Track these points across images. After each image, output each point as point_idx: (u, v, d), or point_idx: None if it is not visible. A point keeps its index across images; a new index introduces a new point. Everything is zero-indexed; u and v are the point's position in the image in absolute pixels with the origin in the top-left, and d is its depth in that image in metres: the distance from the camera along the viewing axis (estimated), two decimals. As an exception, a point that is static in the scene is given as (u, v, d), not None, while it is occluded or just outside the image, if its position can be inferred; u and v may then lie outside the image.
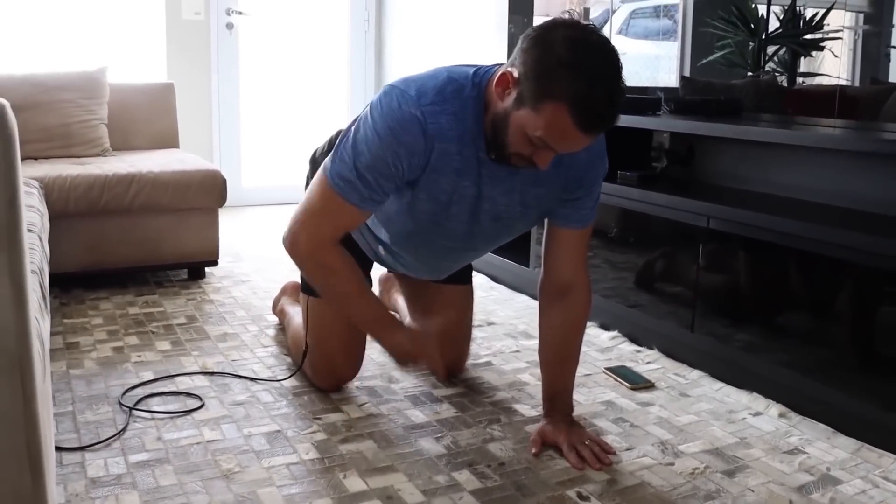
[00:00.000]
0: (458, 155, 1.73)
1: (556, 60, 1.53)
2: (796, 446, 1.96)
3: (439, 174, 1.76)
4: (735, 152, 2.73)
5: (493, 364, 2.46)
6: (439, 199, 1.81)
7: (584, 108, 1.52)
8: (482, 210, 1.85)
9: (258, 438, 1.93)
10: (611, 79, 1.54)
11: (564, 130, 1.55)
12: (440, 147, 1.71)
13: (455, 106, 1.70)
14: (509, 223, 1.92)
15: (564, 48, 1.53)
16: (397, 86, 1.73)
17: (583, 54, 1.53)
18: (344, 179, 1.74)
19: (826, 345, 2.07)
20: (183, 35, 4.80)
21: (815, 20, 2.64)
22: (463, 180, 1.78)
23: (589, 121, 1.54)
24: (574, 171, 1.83)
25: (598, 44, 1.55)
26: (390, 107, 1.69)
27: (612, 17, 3.55)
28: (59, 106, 3.52)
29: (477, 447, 1.92)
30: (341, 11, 5.28)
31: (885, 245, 1.90)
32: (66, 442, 1.88)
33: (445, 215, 1.85)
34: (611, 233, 2.78)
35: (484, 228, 1.91)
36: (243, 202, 5.05)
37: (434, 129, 1.69)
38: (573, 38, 1.54)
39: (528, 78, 1.56)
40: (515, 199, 1.85)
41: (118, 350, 2.49)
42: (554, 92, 1.52)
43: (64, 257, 2.97)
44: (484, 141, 1.73)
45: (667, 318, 2.54)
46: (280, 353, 2.51)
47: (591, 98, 1.52)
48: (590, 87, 1.51)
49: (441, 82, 1.71)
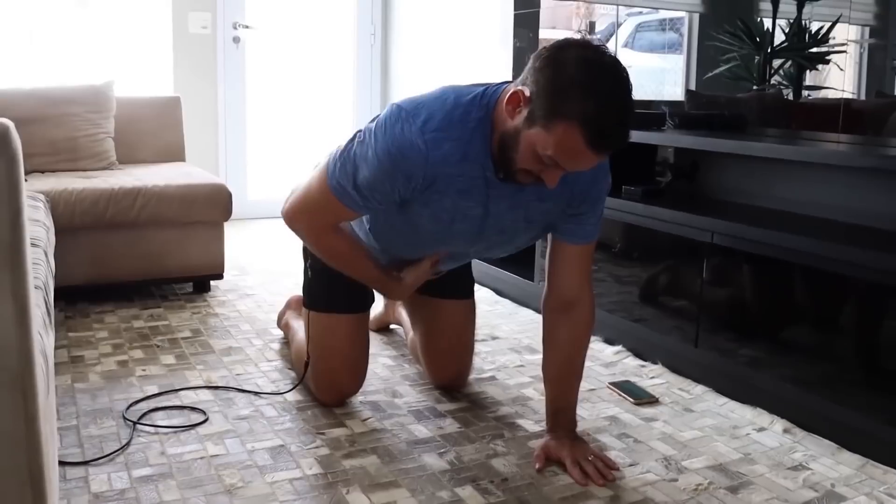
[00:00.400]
0: (461, 177, 1.74)
1: (568, 80, 1.54)
2: (801, 462, 1.95)
3: (441, 195, 1.77)
4: (739, 167, 2.73)
5: (496, 379, 2.46)
6: (441, 218, 1.82)
7: (595, 129, 1.53)
8: (487, 226, 1.86)
9: (262, 453, 1.93)
10: (622, 100, 1.56)
11: (575, 150, 1.56)
12: (442, 172, 1.73)
13: (460, 131, 1.71)
14: (513, 236, 1.93)
15: (577, 68, 1.54)
16: (404, 108, 1.73)
17: (595, 75, 1.54)
18: (342, 188, 1.79)
19: (831, 360, 2.06)
20: (190, 49, 4.82)
21: (821, 34, 2.64)
22: (467, 201, 1.78)
23: (600, 141, 1.55)
24: (579, 187, 1.84)
25: (610, 64, 1.56)
26: (394, 131, 1.71)
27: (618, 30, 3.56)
28: (65, 119, 3.53)
29: (480, 462, 1.91)
30: (347, 25, 5.30)
31: (890, 260, 1.90)
32: (70, 456, 1.88)
33: (449, 232, 1.86)
34: (615, 247, 2.78)
35: (488, 241, 1.92)
36: (249, 215, 5.06)
37: (436, 157, 1.70)
38: (586, 59, 1.55)
39: (540, 96, 1.57)
40: (521, 215, 1.85)
41: (123, 364, 2.50)
42: (566, 111, 1.53)
43: (69, 270, 2.98)
44: (491, 161, 1.73)
45: (671, 333, 2.53)
46: (284, 367, 2.51)
47: (603, 118, 1.53)
48: (602, 107, 1.53)
49: (448, 107, 1.72)
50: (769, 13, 2.81)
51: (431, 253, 2.02)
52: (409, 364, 2.55)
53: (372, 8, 5.30)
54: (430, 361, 2.34)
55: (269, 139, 5.19)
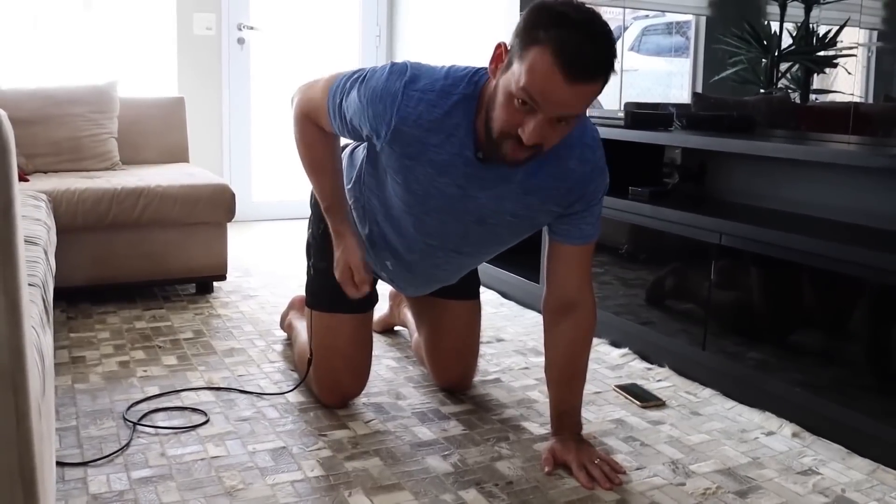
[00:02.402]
0: (437, 148, 1.73)
1: (546, 14, 1.51)
2: (810, 467, 1.92)
3: (414, 161, 1.76)
4: (747, 168, 2.71)
5: (501, 381, 2.43)
6: (413, 190, 1.81)
7: (568, 51, 1.47)
8: (466, 210, 1.82)
9: (263, 455, 1.91)
10: (598, 35, 1.51)
11: (548, 77, 1.48)
12: (411, 133, 1.72)
13: (441, 99, 1.70)
14: (497, 231, 1.89)
15: (553, 6, 1.52)
16: (405, 62, 1.77)
17: (573, 11, 1.50)
18: (333, 99, 1.84)
19: (841, 364, 2.03)
20: (194, 50, 4.80)
21: (829, 37, 2.61)
22: (442, 176, 1.76)
23: (572, 65, 1.47)
24: (569, 183, 1.80)
25: (589, 10, 1.53)
26: (384, 73, 1.75)
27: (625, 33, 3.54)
28: (69, 120, 3.52)
29: (485, 465, 1.89)
30: (352, 27, 5.28)
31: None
32: (69, 457, 1.86)
33: (423, 208, 1.84)
34: (622, 249, 2.75)
35: (469, 230, 1.88)
36: (253, 217, 5.05)
37: (406, 112, 1.71)
38: (565, 2, 1.53)
39: (517, 34, 1.56)
40: (506, 208, 1.82)
41: (124, 364, 2.47)
42: (539, 37, 1.49)
43: (71, 271, 2.96)
44: (473, 141, 1.71)
45: (678, 336, 2.50)
46: (287, 368, 2.48)
47: (577, 43, 1.47)
48: (576, 34, 1.48)
49: (438, 76, 1.73)
50: (776, 16, 2.79)
51: (420, 255, 1.99)
52: (413, 366, 2.52)
53: (377, 9, 5.28)
54: (435, 362, 2.32)
55: (274, 141, 5.17)
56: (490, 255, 2.06)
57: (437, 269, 2.05)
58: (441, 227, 1.88)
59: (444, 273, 2.09)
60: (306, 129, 1.96)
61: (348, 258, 1.99)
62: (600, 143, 1.83)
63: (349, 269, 2.00)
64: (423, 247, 1.96)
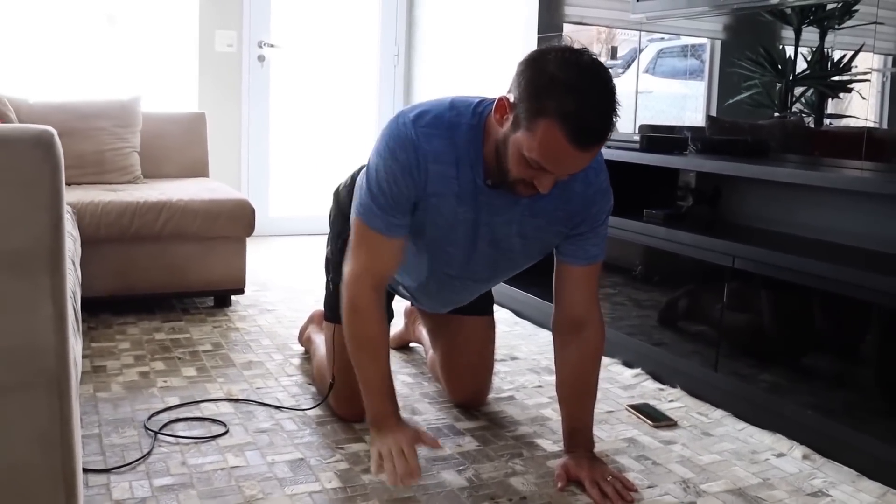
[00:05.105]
0: (457, 179, 1.77)
1: (547, 79, 1.56)
2: (820, 489, 1.94)
3: (440, 198, 1.80)
4: (761, 193, 2.74)
5: (515, 398, 2.47)
6: (439, 224, 1.84)
7: (574, 124, 1.53)
8: (479, 235, 1.87)
9: (281, 466, 1.94)
10: (601, 94, 1.56)
11: (557, 149, 1.56)
12: (434, 169, 1.76)
13: (452, 132, 1.75)
14: (509, 254, 1.94)
15: (555, 67, 1.56)
16: (403, 110, 1.81)
17: (574, 72, 1.55)
18: (364, 206, 1.82)
19: (852, 387, 2.06)
20: (215, 66, 4.88)
21: (843, 62, 2.65)
22: (461, 205, 1.81)
23: (580, 136, 1.54)
24: (574, 206, 1.85)
25: (588, 63, 1.57)
26: (391, 128, 1.79)
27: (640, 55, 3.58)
28: (93, 133, 3.58)
29: (499, 481, 1.92)
30: (371, 46, 5.35)
31: (912, 288, 1.90)
32: (92, 464, 1.90)
33: (447, 240, 1.88)
34: (635, 270, 2.78)
35: (482, 255, 1.92)
36: (270, 232, 5.10)
37: (427, 150, 1.75)
38: (564, 59, 1.57)
39: (522, 100, 1.60)
40: (514, 231, 1.87)
41: (144, 375, 2.52)
42: (545, 110, 1.55)
43: (93, 282, 3.01)
44: (482, 168, 1.76)
45: (690, 357, 2.53)
46: (304, 382, 2.52)
47: (582, 113, 1.53)
48: (580, 102, 1.53)
49: (442, 109, 1.78)
50: (791, 41, 2.82)
51: (436, 281, 2.00)
52: (428, 382, 2.56)
53: (396, 28, 5.35)
54: (450, 378, 2.35)
55: (292, 157, 5.23)
56: (505, 278, 2.11)
57: (454, 293, 2.11)
58: (458, 256, 1.93)
59: (459, 296, 2.15)
60: (358, 298, 1.86)
61: (399, 443, 1.79)
62: (604, 166, 1.88)
63: (401, 454, 1.77)
64: (441, 276, 2.01)
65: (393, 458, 1.75)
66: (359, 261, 1.86)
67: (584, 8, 3.92)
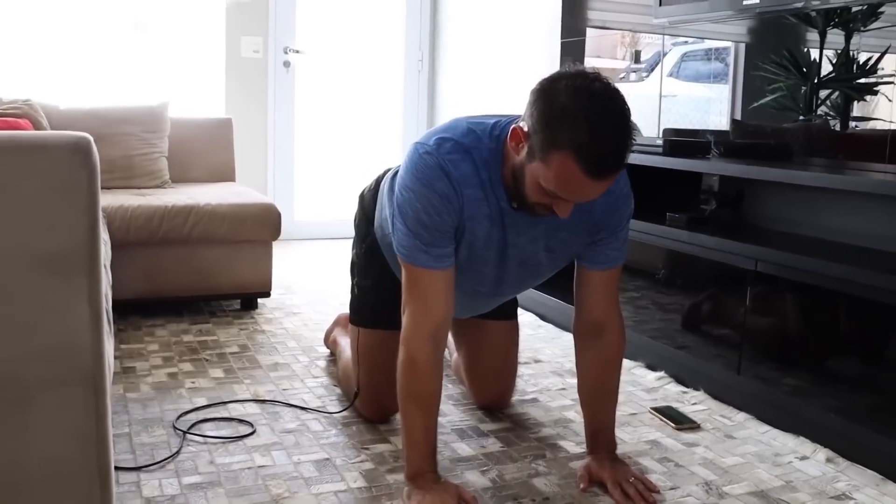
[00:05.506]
0: (486, 202, 1.77)
1: (559, 110, 1.55)
2: (844, 492, 1.95)
3: (474, 222, 1.79)
4: (785, 196, 2.74)
5: (539, 401, 2.48)
6: (475, 246, 1.84)
7: (589, 155, 1.53)
8: (508, 256, 1.88)
9: (307, 465, 1.97)
10: (615, 122, 1.55)
11: (573, 180, 1.56)
12: (468, 193, 1.75)
13: (474, 156, 1.75)
14: (536, 269, 1.95)
15: (567, 97, 1.55)
16: (419, 141, 1.79)
17: (585, 102, 1.54)
18: (407, 247, 1.78)
19: (876, 391, 2.06)
20: (241, 72, 4.93)
21: (869, 64, 2.64)
22: (493, 227, 1.81)
23: (596, 167, 1.54)
24: (596, 216, 1.86)
25: (600, 90, 1.56)
26: (414, 161, 1.76)
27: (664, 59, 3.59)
28: (122, 139, 3.64)
29: (522, 481, 1.94)
30: (396, 52, 5.39)
31: (936, 291, 1.90)
32: (123, 462, 1.94)
33: (480, 260, 1.88)
34: (659, 274, 2.79)
35: (511, 274, 1.94)
36: (295, 236, 5.14)
37: (457, 175, 1.74)
38: (575, 87, 1.55)
39: (535, 131, 1.59)
40: (540, 246, 1.88)
41: (173, 376, 2.56)
42: (559, 142, 1.54)
43: (122, 285, 3.05)
44: (504, 191, 1.77)
45: (713, 361, 2.54)
46: (330, 384, 2.55)
47: (596, 144, 1.53)
48: (593, 133, 1.52)
49: (460, 134, 1.77)
50: (816, 43, 2.82)
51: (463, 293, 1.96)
52: (452, 384, 2.58)
53: (420, 34, 5.38)
54: (474, 381, 2.38)
55: (317, 162, 5.28)
56: (531, 286, 2.12)
57: (481, 304, 2.13)
58: (490, 274, 1.93)
59: (486, 306, 2.17)
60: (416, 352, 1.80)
61: (444, 500, 1.74)
62: (624, 171, 1.87)
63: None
64: (471, 291, 2.01)
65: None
66: (415, 307, 1.80)
67: (607, 12, 3.93)
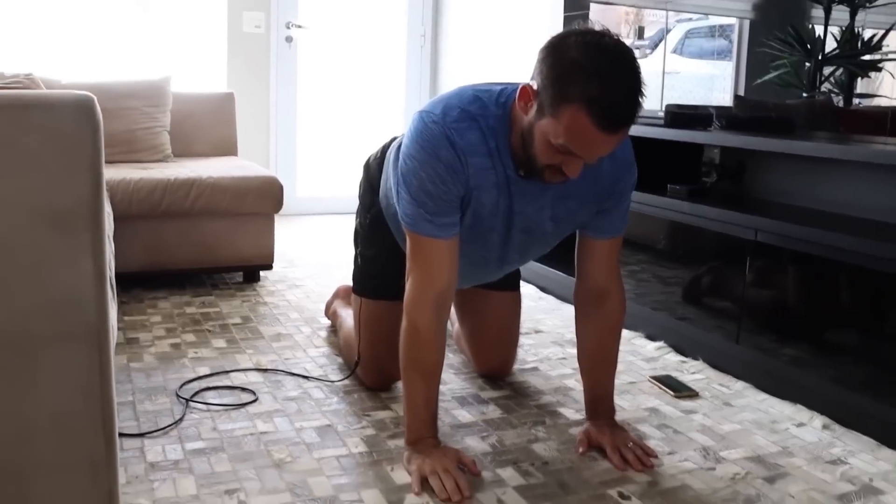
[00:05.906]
0: (493, 170, 1.77)
1: (570, 65, 1.54)
2: (839, 457, 1.97)
3: (481, 191, 1.79)
4: (785, 168, 2.75)
5: (539, 370, 2.50)
6: (481, 214, 1.84)
7: (600, 108, 1.52)
8: (514, 224, 1.88)
9: (309, 432, 2.00)
10: (626, 77, 1.55)
11: (585, 133, 1.55)
12: (473, 162, 1.75)
13: (481, 123, 1.74)
14: (542, 237, 1.95)
15: (577, 52, 1.55)
16: (424, 109, 1.79)
17: (595, 56, 1.54)
18: (412, 216, 1.78)
19: (873, 359, 2.08)
20: (244, 47, 4.93)
21: (874, 41, 2.64)
22: (501, 195, 1.81)
23: (607, 120, 1.54)
24: (603, 183, 1.86)
25: (611, 45, 1.56)
26: (419, 129, 1.75)
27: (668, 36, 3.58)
28: (124, 113, 3.65)
29: (521, 447, 1.96)
30: (398, 26, 5.38)
31: (933, 259, 1.91)
32: (127, 429, 1.96)
33: (488, 227, 1.88)
34: (659, 245, 2.81)
35: (516, 241, 1.94)
36: (298, 211, 5.16)
37: (463, 144, 1.73)
38: (585, 42, 1.55)
39: (546, 87, 1.59)
40: (546, 215, 1.88)
41: (175, 346, 2.58)
42: (570, 96, 1.54)
43: (125, 258, 3.08)
44: (511, 159, 1.76)
45: (713, 331, 2.56)
46: (332, 353, 2.57)
47: (607, 97, 1.52)
48: (604, 86, 1.52)
49: (466, 101, 1.76)
50: (821, 20, 2.81)
51: (469, 262, 1.97)
52: (454, 354, 2.60)
53: (423, 9, 5.37)
54: (476, 351, 2.39)
55: (319, 137, 5.28)
56: (536, 257, 2.12)
57: (486, 273, 2.12)
58: (496, 241, 1.94)
59: (490, 275, 2.16)
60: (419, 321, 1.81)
61: (444, 463, 1.76)
62: (628, 139, 1.88)
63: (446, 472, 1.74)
64: (476, 259, 2.00)
65: (439, 475, 1.73)
66: (418, 275, 1.81)
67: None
